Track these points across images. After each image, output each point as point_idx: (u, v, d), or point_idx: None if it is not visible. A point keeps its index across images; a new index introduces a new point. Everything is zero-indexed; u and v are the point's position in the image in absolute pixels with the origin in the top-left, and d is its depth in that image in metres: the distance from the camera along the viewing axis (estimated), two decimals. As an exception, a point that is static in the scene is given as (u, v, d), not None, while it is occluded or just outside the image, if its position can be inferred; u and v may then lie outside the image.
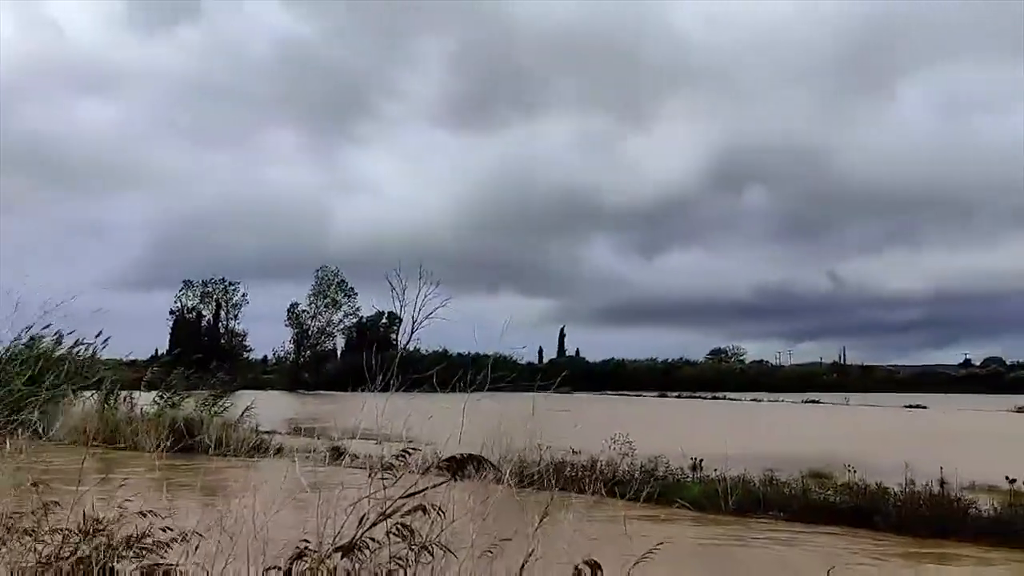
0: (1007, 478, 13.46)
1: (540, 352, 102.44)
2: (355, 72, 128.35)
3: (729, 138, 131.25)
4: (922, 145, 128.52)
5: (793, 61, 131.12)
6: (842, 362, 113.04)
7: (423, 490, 3.59)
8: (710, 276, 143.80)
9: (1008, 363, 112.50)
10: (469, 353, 69.72)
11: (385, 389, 5.44)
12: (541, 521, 4.09)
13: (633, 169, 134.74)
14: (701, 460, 16.82)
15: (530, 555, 3.81)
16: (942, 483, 13.78)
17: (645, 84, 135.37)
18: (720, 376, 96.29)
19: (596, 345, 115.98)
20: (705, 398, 68.34)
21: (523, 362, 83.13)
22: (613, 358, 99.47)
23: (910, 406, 56.66)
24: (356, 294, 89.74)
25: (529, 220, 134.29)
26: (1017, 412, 49.74)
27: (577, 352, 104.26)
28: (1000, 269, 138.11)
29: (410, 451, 3.55)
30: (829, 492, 14.55)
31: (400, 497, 3.53)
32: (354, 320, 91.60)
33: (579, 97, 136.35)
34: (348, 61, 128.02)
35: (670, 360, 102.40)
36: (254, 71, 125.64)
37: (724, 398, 67.82)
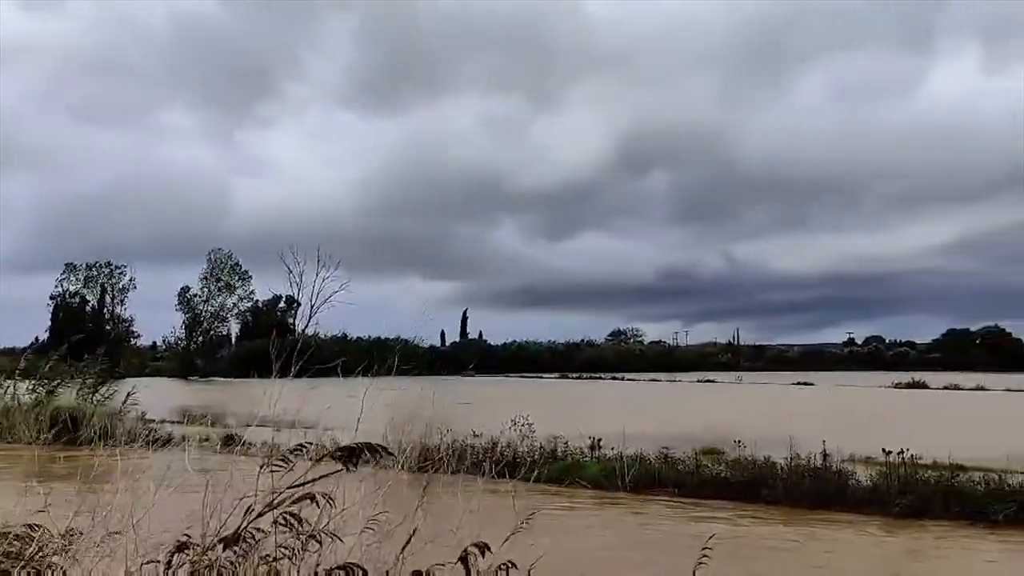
0: (883, 450, 14.19)
1: (442, 335, 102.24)
2: (258, 50, 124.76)
3: (634, 122, 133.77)
4: (816, 131, 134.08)
5: (697, 47, 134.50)
6: (736, 342, 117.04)
7: (313, 480, 3.50)
8: (613, 259, 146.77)
9: (888, 342, 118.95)
10: (370, 337, 69.16)
11: (283, 375, 5.29)
12: (420, 502, 4.07)
13: (540, 152, 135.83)
14: (599, 440, 17.12)
15: (412, 535, 3.77)
16: (825, 456, 14.45)
17: (553, 67, 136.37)
18: (620, 357, 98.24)
19: (499, 328, 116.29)
20: (605, 379, 69.60)
21: (425, 346, 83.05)
22: (515, 341, 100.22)
23: (798, 383, 59.19)
24: (251, 277, 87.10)
25: (434, 203, 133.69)
26: (894, 388, 52.61)
27: (480, 335, 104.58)
28: (884, 252, 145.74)
29: (305, 445, 3.45)
30: (721, 468, 15.03)
31: (289, 487, 3.44)
32: (249, 305, 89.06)
33: (487, 79, 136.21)
34: (251, 39, 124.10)
35: (571, 342, 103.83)
36: (150, 46, 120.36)
37: (623, 379, 69.22)
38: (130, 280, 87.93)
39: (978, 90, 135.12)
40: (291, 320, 79.02)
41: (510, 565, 3.64)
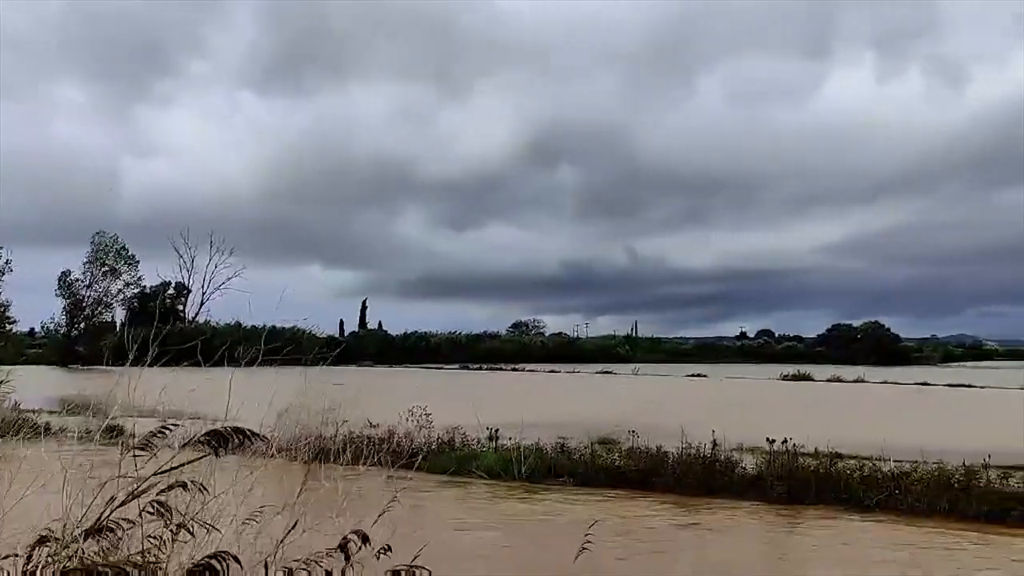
0: (768, 439, 14.72)
1: (341, 325, 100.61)
2: (158, 25, 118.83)
3: (543, 116, 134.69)
4: (718, 131, 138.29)
5: (607, 44, 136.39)
6: (634, 335, 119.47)
7: (180, 466, 3.35)
8: (518, 250, 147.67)
9: (777, 336, 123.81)
10: (266, 326, 66.93)
11: (171, 364, 5.07)
12: (300, 491, 3.97)
13: (448, 141, 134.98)
14: (497, 430, 17.19)
15: (293, 526, 3.67)
16: (714, 445, 14.90)
17: (464, 56, 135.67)
18: (521, 349, 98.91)
19: (400, 318, 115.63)
20: (505, 370, 69.91)
21: (323, 335, 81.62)
22: (416, 331, 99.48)
23: (692, 375, 60.95)
24: (138, 262, 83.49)
25: (338, 189, 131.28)
26: (782, 380, 54.72)
27: (380, 325, 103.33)
28: (777, 249, 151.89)
29: (170, 427, 3.29)
30: (615, 457, 15.30)
31: (155, 473, 3.28)
32: (136, 290, 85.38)
33: (396, 65, 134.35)
34: (149, 13, 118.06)
35: (473, 333, 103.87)
36: (38, 18, 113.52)
37: (524, 370, 69.69)
38: (6, 263, 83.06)
39: (871, 97, 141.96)
40: (181, 307, 76.33)
41: (385, 549, 3.58)
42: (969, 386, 46.60)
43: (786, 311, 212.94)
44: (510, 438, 16.56)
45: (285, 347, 6.57)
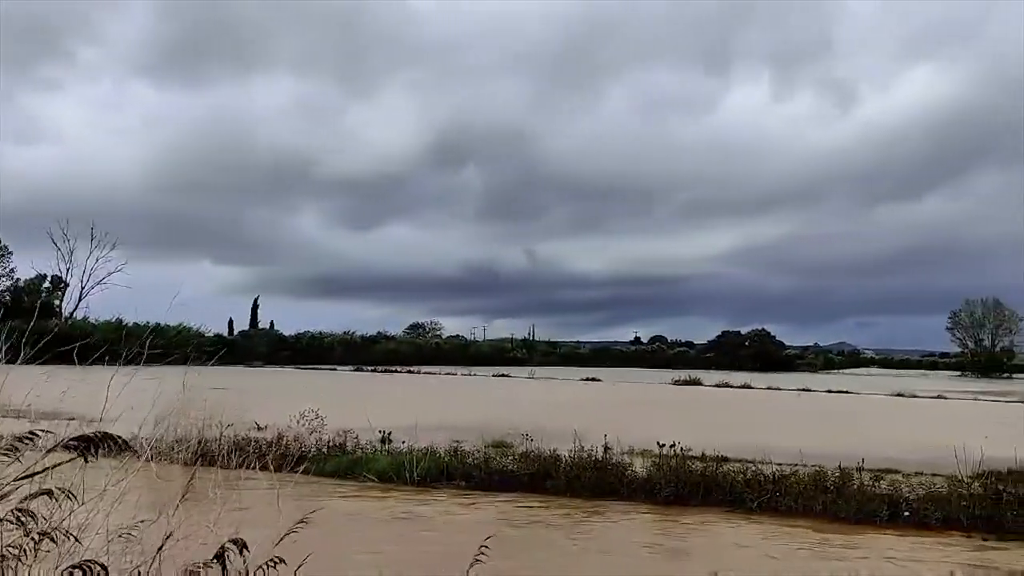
0: (658, 443, 15.06)
1: (231, 324, 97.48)
2: (46, 8, 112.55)
3: (449, 116, 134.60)
4: (620, 139, 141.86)
5: (514, 48, 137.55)
6: (531, 338, 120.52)
7: (43, 471, 3.15)
8: (419, 251, 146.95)
9: (670, 341, 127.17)
10: (150, 324, 64.23)
11: (45, 362, 4.77)
12: (181, 498, 3.80)
13: (351, 139, 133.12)
14: (390, 433, 16.98)
15: (169, 535, 3.50)
16: (606, 448, 15.14)
17: (372, 53, 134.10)
18: (418, 351, 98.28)
19: (294, 317, 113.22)
20: (401, 372, 69.32)
21: (211, 334, 78.99)
22: (309, 331, 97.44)
23: (587, 379, 61.88)
24: (11, 253, 78.87)
25: (233, 184, 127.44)
26: (673, 385, 56.17)
27: (272, 325, 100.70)
28: (672, 257, 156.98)
29: (39, 431, 3.07)
30: (509, 460, 15.34)
31: (17, 479, 3.06)
32: (8, 284, 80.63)
33: (300, 59, 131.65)
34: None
35: (368, 335, 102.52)
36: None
37: (420, 372, 69.27)
38: None
39: (766, 113, 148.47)
40: (58, 302, 72.46)
41: (277, 560, 3.46)
42: (847, 392, 49.00)
43: (678, 317, 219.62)
44: (403, 441, 16.39)
45: (170, 346, 6.31)
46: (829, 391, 49.84)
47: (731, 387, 53.67)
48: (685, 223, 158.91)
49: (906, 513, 12.06)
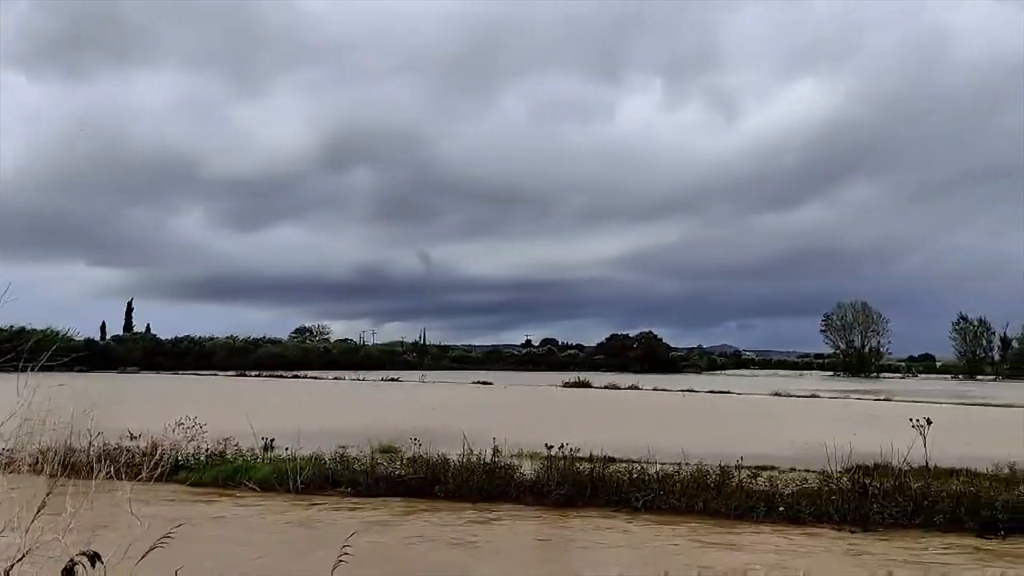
0: (546, 445, 15.13)
1: (103, 328, 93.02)
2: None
3: (342, 117, 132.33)
4: (517, 144, 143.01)
5: (411, 51, 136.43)
6: (423, 342, 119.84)
7: None
8: (308, 253, 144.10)
9: (561, 344, 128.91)
10: (12, 327, 60.36)
11: None
12: (38, 513, 3.51)
13: (238, 138, 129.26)
14: (272, 440, 16.47)
15: (27, 552, 3.21)
16: (495, 451, 15.10)
17: (262, 51, 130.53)
18: (304, 355, 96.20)
19: (173, 321, 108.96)
20: (286, 377, 67.59)
21: (80, 338, 75.13)
22: (189, 335, 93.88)
23: (478, 382, 61.93)
24: None
25: (111, 182, 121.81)
26: (563, 387, 56.86)
27: (148, 328, 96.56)
28: (565, 261, 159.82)
29: None
30: (397, 466, 15.09)
31: None
32: None
33: (188, 55, 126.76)
34: None
35: (252, 339, 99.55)
36: None
37: (306, 377, 67.73)
38: None
39: (657, 122, 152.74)
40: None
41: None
42: (728, 392, 50.78)
43: (570, 320, 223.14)
44: (287, 448, 15.91)
45: (35, 350, 5.89)
46: (712, 391, 51.53)
47: (619, 388, 54.79)
48: (579, 228, 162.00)
49: (781, 508, 12.50)
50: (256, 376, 68.78)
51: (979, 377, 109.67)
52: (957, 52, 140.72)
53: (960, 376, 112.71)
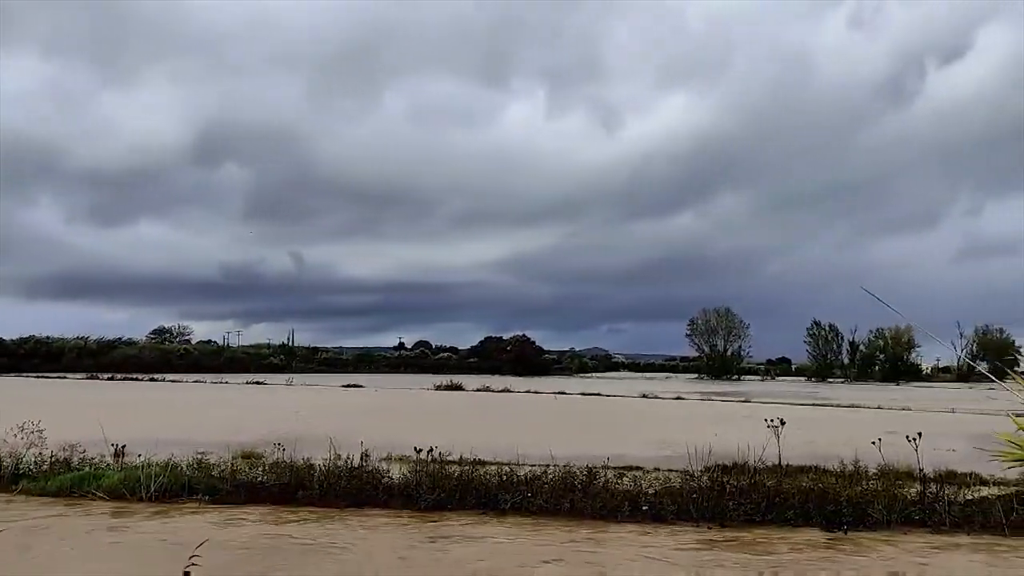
0: (415, 448, 14.94)
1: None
2: None
3: (212, 111, 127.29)
4: (397, 145, 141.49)
5: (290, 47, 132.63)
6: (291, 343, 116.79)
7: None
8: (173, 251, 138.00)
9: (434, 347, 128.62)
10: None
11: None
12: None
13: (102, 128, 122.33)
14: (124, 446, 15.55)
15: None
16: (363, 456, 14.76)
17: (131, 39, 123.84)
18: (162, 357, 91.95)
19: (19, 320, 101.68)
20: (142, 380, 64.32)
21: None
22: (34, 336, 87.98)
23: (348, 385, 60.97)
24: None
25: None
26: (435, 390, 56.66)
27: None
28: (443, 264, 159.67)
29: None
30: (259, 471, 14.55)
31: None
32: None
33: (49, 38, 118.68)
34: None
35: (105, 339, 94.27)
36: None
37: (164, 380, 64.66)
38: None
39: (540, 129, 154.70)
40: None
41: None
42: (598, 394, 51.93)
43: (446, 323, 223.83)
44: (140, 455, 15.05)
45: None
46: (583, 393, 52.55)
47: (492, 391, 55.09)
48: (458, 231, 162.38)
49: (644, 507, 12.76)
50: (109, 379, 65.12)
51: (830, 380, 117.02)
52: (820, 73, 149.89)
53: (813, 378, 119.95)
